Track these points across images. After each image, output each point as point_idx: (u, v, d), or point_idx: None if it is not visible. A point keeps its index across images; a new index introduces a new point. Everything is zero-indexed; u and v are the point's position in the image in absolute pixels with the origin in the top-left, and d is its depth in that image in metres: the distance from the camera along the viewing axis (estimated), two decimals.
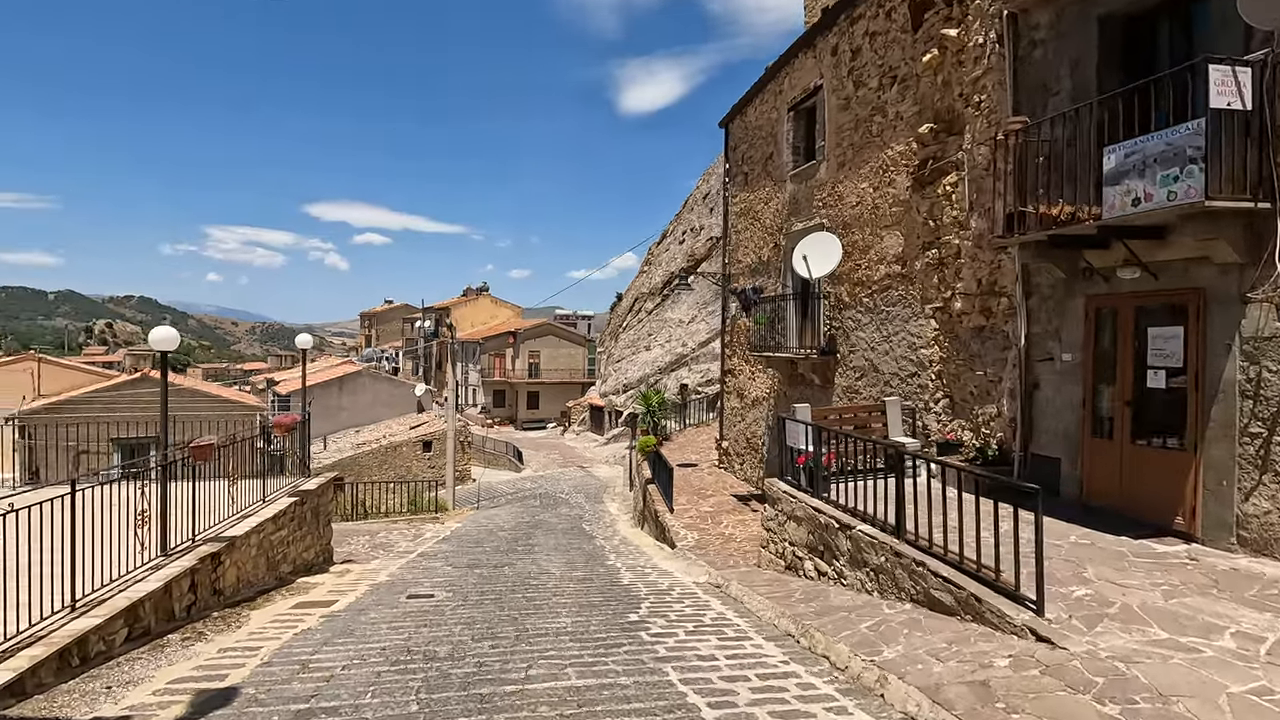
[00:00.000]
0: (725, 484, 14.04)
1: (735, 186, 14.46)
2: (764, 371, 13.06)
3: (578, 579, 8.24)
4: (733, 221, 14.57)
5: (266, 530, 7.57)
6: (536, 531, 14.49)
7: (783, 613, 5.73)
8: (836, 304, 10.37)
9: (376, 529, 14.41)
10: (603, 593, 7.30)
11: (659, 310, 49.64)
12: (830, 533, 6.52)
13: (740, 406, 14.22)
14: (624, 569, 9.07)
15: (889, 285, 9.10)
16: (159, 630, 5.36)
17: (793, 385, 11.77)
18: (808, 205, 11.18)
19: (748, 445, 13.83)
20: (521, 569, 9.12)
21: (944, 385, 8.16)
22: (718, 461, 15.55)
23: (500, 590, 7.49)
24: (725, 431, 15.05)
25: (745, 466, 13.96)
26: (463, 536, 13.44)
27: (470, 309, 63.87)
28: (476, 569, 9.21)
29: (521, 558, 10.42)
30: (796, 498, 7.33)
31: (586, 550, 11.36)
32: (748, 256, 13.69)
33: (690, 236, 49.96)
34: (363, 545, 12.22)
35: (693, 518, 11.73)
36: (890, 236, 9.05)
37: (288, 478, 9.44)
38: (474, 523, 16.41)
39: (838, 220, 10.29)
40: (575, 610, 6.42)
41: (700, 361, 40.20)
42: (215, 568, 6.35)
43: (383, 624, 5.94)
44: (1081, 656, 3.71)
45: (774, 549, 7.84)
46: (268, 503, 8.17)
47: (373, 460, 30.71)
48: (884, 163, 9.14)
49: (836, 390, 10.37)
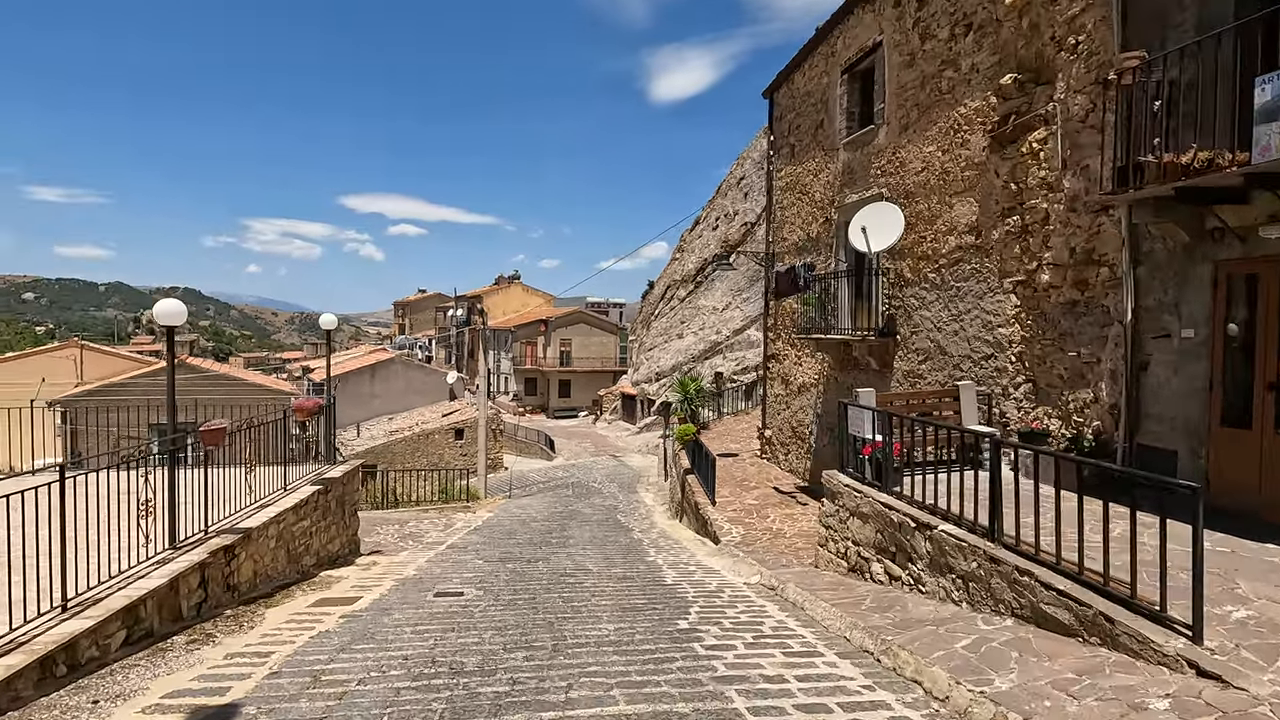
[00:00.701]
0: (769, 475, 13.29)
1: (781, 160, 13.59)
2: (812, 356, 12.24)
3: (617, 577, 7.62)
4: (778, 197, 13.72)
5: (287, 521, 7.10)
6: (571, 523, 13.95)
7: (855, 623, 5.01)
8: (897, 281, 9.51)
9: (407, 518, 14.02)
10: (645, 594, 6.66)
11: (692, 297, 48.80)
12: (905, 533, 5.76)
13: (785, 394, 13.42)
14: (666, 566, 8.43)
15: (960, 258, 8.22)
16: (163, 632, 4.88)
17: (845, 370, 10.95)
18: (864, 174, 10.30)
19: (793, 434, 13.05)
20: (556, 564, 8.54)
21: (1026, 368, 7.30)
22: (759, 451, 14.80)
23: (534, 589, 6.91)
24: (768, 420, 14.27)
25: (790, 457, 13.18)
26: (494, 527, 12.96)
27: (502, 297, 63.78)
28: (509, 563, 8.66)
29: (556, 551, 9.85)
30: (862, 492, 6.58)
31: (624, 544, 10.75)
32: (794, 234, 12.85)
33: (724, 222, 48.93)
34: (392, 535, 11.80)
35: (736, 511, 11.02)
36: (962, 204, 8.16)
37: (312, 465, 8.99)
38: (506, 512, 15.95)
39: (899, 189, 9.41)
40: (617, 614, 5.79)
41: (735, 349, 39.32)
42: (229, 562, 5.87)
43: (407, 627, 5.39)
44: (1270, 701, 2.93)
45: (834, 548, 7.10)
46: (289, 491, 7.70)
47: (405, 448, 30.63)
48: (955, 122, 8.24)
49: (895, 375, 9.53)
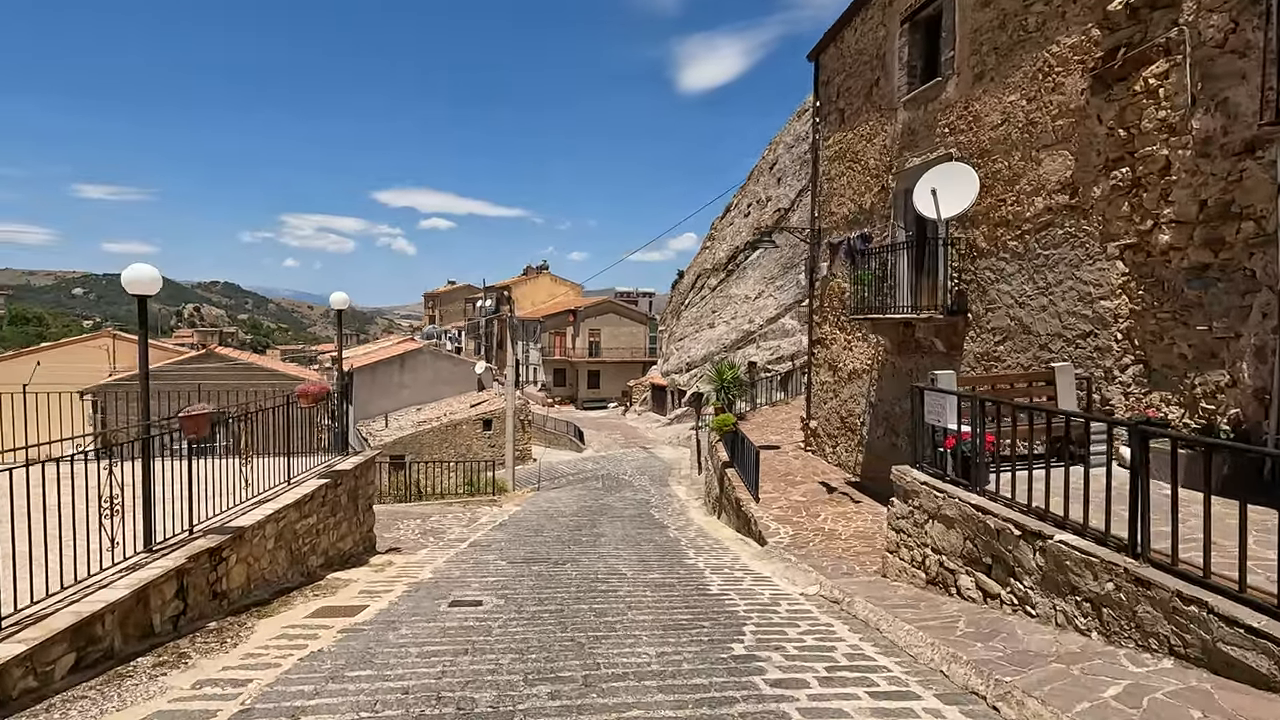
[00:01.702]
0: (815, 469, 12.29)
1: (828, 127, 12.50)
2: (864, 340, 11.19)
3: (655, 584, 6.75)
4: (824, 168, 12.64)
5: (288, 518, 6.37)
6: (601, 518, 13.14)
7: (953, 654, 4.06)
8: (968, 252, 8.43)
9: (430, 512, 13.37)
10: (689, 606, 5.79)
11: (723, 286, 47.67)
12: (1006, 541, 4.78)
13: (832, 381, 12.39)
14: (708, 570, 7.54)
15: (1049, 222, 7.12)
16: (127, 652, 4.15)
17: (904, 354, 9.89)
18: (928, 134, 9.21)
19: (842, 425, 12.02)
20: (586, 567, 7.71)
21: (1136, 346, 6.20)
22: (803, 444, 13.79)
23: (562, 598, 6.08)
24: (813, 410, 13.25)
25: (839, 450, 12.16)
26: (520, 523, 12.21)
27: (530, 287, 63.33)
28: (534, 565, 7.86)
29: (586, 551, 9.03)
30: (944, 492, 5.60)
31: (660, 543, 9.89)
32: (844, 206, 11.77)
33: (756, 209, 47.65)
34: (412, 531, 11.13)
35: (782, 508, 10.07)
36: (1053, 158, 7.06)
37: (324, 456, 8.29)
38: (533, 506, 15.23)
39: (972, 147, 8.31)
40: (658, 633, 4.93)
41: (769, 338, 38.14)
42: (215, 566, 5.15)
43: (412, 647, 4.59)
44: None
45: (908, 556, 6.13)
46: (294, 485, 6.99)
47: (433, 438, 30.23)
48: (1045, 64, 7.12)
49: (965, 358, 8.47)
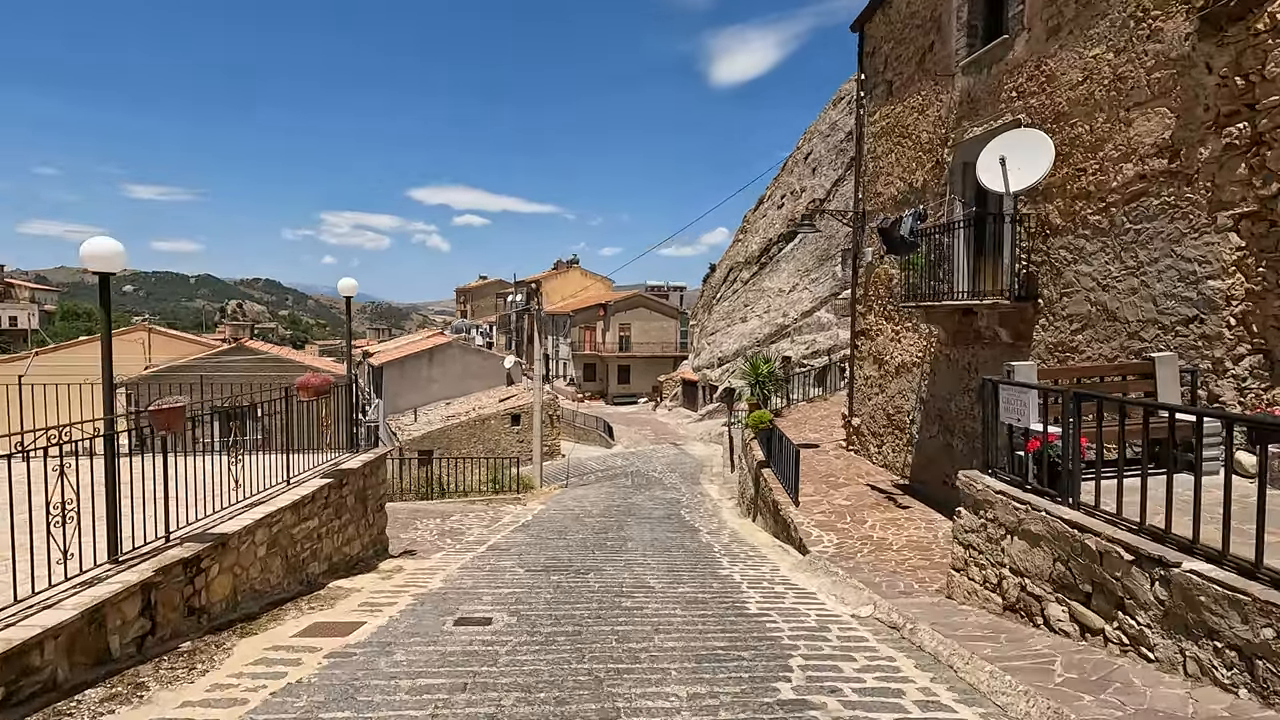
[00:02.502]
0: (859, 470, 11.43)
1: (874, 101, 11.58)
2: (914, 330, 10.29)
3: (686, 599, 6.04)
4: (870, 146, 11.72)
5: (283, 522, 5.82)
6: (629, 519, 12.47)
7: (1056, 711, 3.25)
8: (1039, 230, 7.50)
9: (451, 510, 12.85)
10: (725, 630, 5.06)
11: (756, 280, 46.68)
12: (1111, 566, 3.94)
13: (878, 375, 11.50)
14: (745, 584, 6.79)
15: (1142, 191, 6.18)
16: (73, 683, 3.59)
17: (961, 345, 8.98)
18: (991, 100, 8.28)
19: (888, 423, 11.13)
20: (611, 578, 7.03)
21: (1254, 334, 5.27)
22: (845, 442, 12.91)
23: (581, 616, 5.40)
24: (856, 406, 12.37)
25: (885, 449, 11.27)
26: (544, 524, 11.60)
27: (561, 281, 62.98)
28: (554, 573, 7.21)
29: (611, 558, 8.36)
30: (1026, 503, 4.76)
31: (691, 549, 9.16)
32: (892, 186, 10.86)
33: (790, 200, 46.55)
34: (431, 531, 10.60)
35: (825, 513, 9.26)
36: (1147, 118, 6.11)
37: (331, 454, 7.76)
38: (559, 505, 14.63)
39: (1044, 111, 7.38)
40: (689, 666, 4.21)
41: (803, 332, 37.08)
42: (192, 578, 4.59)
43: (404, 679, 3.96)
44: None
45: (979, 576, 5.30)
46: (293, 485, 6.44)
47: (461, 433, 29.95)
48: (1137, 8, 6.18)
49: (1035, 348, 7.55)
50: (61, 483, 3.80)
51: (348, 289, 7.86)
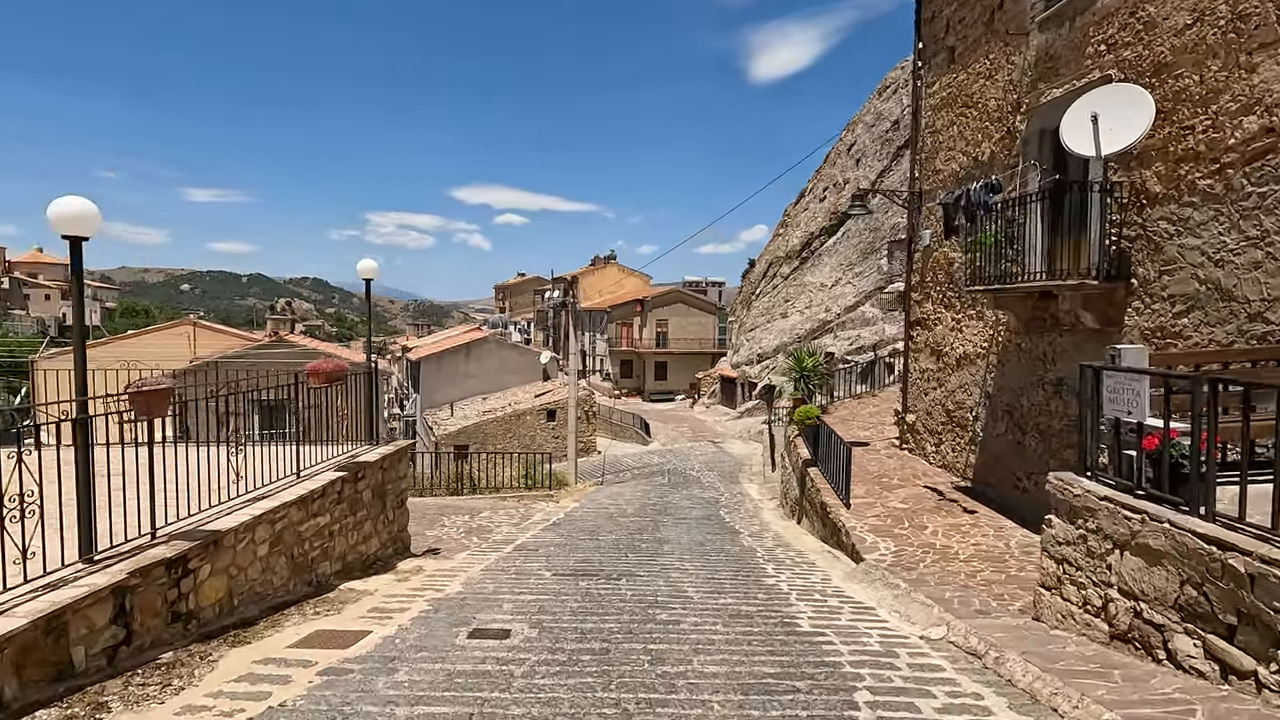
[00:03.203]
0: (913, 470, 10.56)
1: (933, 71, 10.67)
2: (978, 318, 9.39)
3: (729, 613, 5.37)
4: (928, 119, 10.82)
5: (288, 518, 5.35)
6: (665, 519, 11.83)
7: None
8: (1133, 200, 6.59)
9: (481, 507, 12.41)
10: (774, 652, 4.38)
11: (797, 274, 45.54)
12: (1268, 594, 3.15)
13: (935, 368, 10.61)
14: (794, 595, 6.09)
15: (1269, 148, 5.27)
16: (25, 702, 3.13)
17: (1036, 333, 8.08)
18: (1074, 57, 7.37)
19: (948, 420, 10.24)
20: (645, 585, 6.40)
21: None
22: (898, 440, 12.03)
23: (610, 631, 4.79)
24: (910, 401, 11.48)
25: (944, 448, 10.38)
26: (576, 523, 11.05)
27: (598, 277, 62.63)
28: (583, 579, 6.61)
29: (646, 562, 7.73)
30: (1141, 513, 3.96)
31: (732, 554, 8.47)
32: (953, 161, 9.96)
33: (833, 192, 45.32)
34: (457, 529, 10.14)
35: (880, 517, 8.47)
36: (1277, 60, 5.20)
37: (349, 445, 7.32)
38: (593, 503, 14.08)
39: (1141, 64, 6.46)
40: (735, 699, 3.56)
41: (847, 328, 35.89)
42: (178, 580, 4.12)
43: (402, 706, 3.40)
44: None
45: (1076, 596, 4.50)
46: (303, 479, 5.99)
47: (497, 428, 29.74)
48: None
49: (1128, 335, 6.64)
50: (20, 471, 3.35)
51: (367, 271, 7.40)
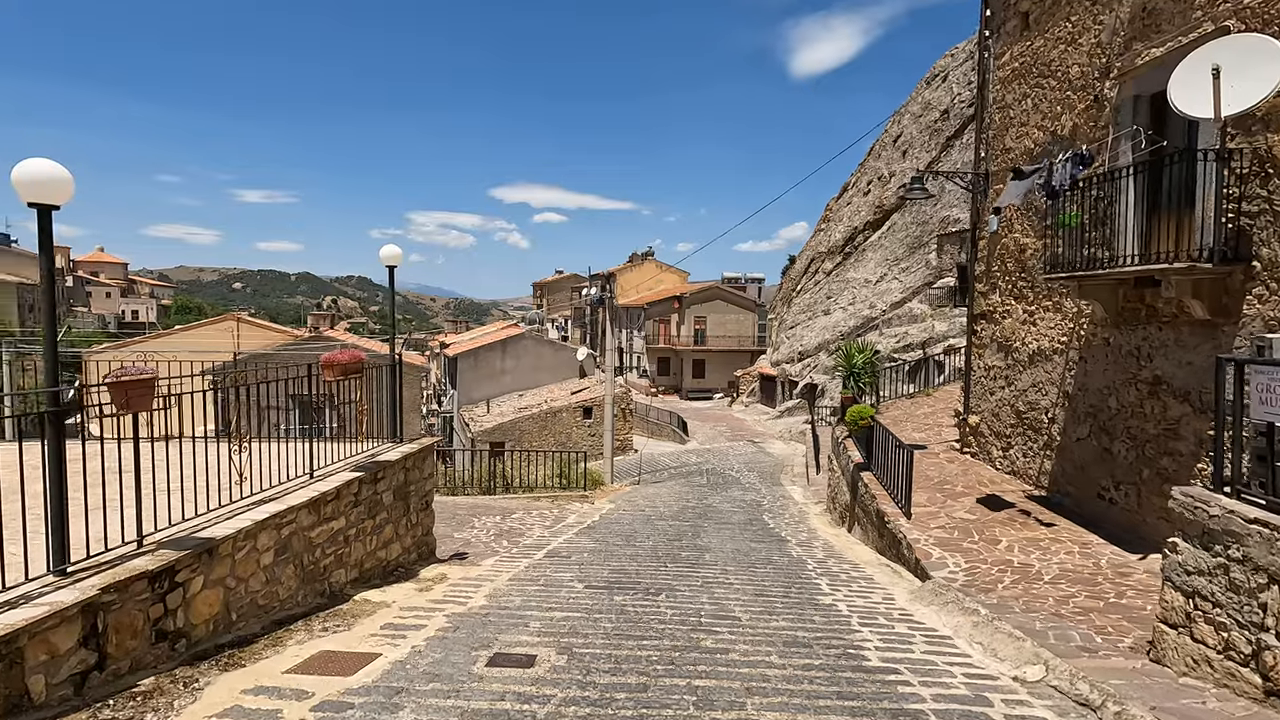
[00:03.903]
0: (979, 477, 9.69)
1: (1003, 40, 9.76)
2: (1055, 309, 8.49)
3: (784, 640, 4.71)
4: (996, 93, 9.91)
5: (297, 523, 4.89)
6: (706, 524, 11.18)
7: None
8: (1256, 169, 5.69)
9: (513, 507, 11.95)
10: (842, 694, 3.71)
11: (840, 270, 44.30)
12: None
13: (1003, 366, 9.71)
14: (855, 619, 5.38)
15: None
16: None
17: (1126, 325, 7.18)
18: (1179, 10, 6.46)
19: (1018, 422, 9.34)
20: (686, 601, 5.77)
21: None
22: (958, 443, 11.14)
23: (649, 660, 4.18)
24: (974, 402, 10.59)
25: (1013, 453, 9.49)
26: (611, 525, 10.48)
27: (635, 274, 62.10)
28: (618, 593, 6.02)
29: (686, 573, 7.10)
30: None
31: (780, 565, 7.78)
32: (1026, 138, 9.05)
33: (877, 186, 44.00)
34: (488, 531, 9.67)
35: (946, 529, 7.67)
36: None
37: (370, 443, 6.88)
38: (629, 504, 13.51)
39: (1268, 11, 5.56)
40: None
41: (894, 324, 34.65)
42: (164, 594, 3.67)
43: None
44: None
45: (1215, 638, 3.72)
46: (316, 479, 5.53)
47: (533, 425, 29.44)
48: None
49: (1247, 325, 5.74)
50: None
51: (390, 258, 6.95)
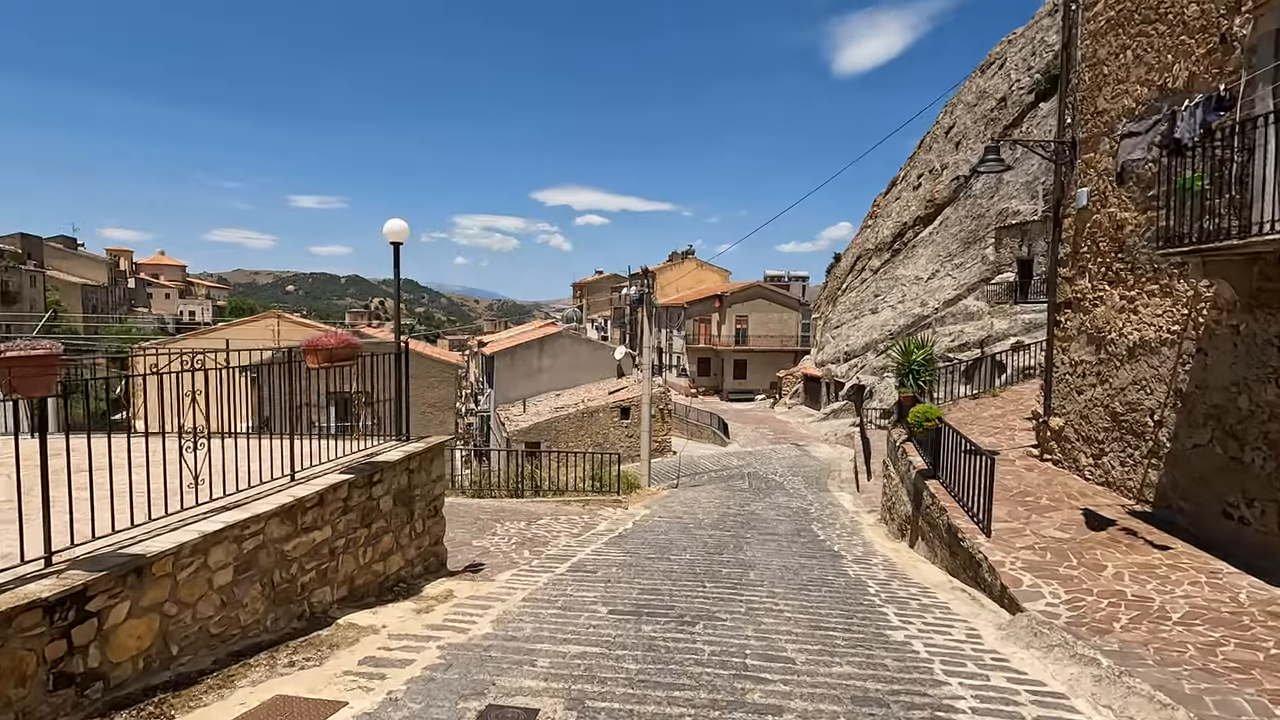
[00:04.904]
0: (1065, 488, 8.45)
1: None
2: (1164, 293, 7.25)
3: (852, 697, 3.72)
4: (1087, 49, 8.67)
5: (265, 535, 4.13)
6: (749, 534, 10.19)
7: None
8: None
9: (541, 511, 11.15)
10: None
11: (888, 268, 42.63)
12: None
13: (1095, 360, 8.46)
14: (937, 663, 4.36)
15: None
16: None
17: (1265, 309, 5.95)
18: None
19: (1113, 425, 8.09)
20: (728, 635, 4.82)
21: None
22: (1036, 449, 9.88)
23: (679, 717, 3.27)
24: (1057, 402, 9.33)
25: (1107, 460, 8.23)
26: (645, 535, 9.58)
27: (675, 273, 61.13)
28: (648, 620, 5.11)
29: (728, 596, 6.13)
30: None
31: (836, 587, 6.74)
32: (1126, 96, 7.82)
33: (929, 179, 42.20)
34: (510, 538, 8.87)
35: (1034, 549, 6.53)
36: None
37: (371, 441, 6.13)
38: (665, 510, 12.59)
39: None
40: None
41: (948, 323, 32.93)
42: (68, 628, 2.92)
43: None
44: None
45: None
46: (298, 481, 4.78)
47: (569, 425, 28.77)
48: None
49: None
50: None
51: (395, 233, 6.19)
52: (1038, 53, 33.17)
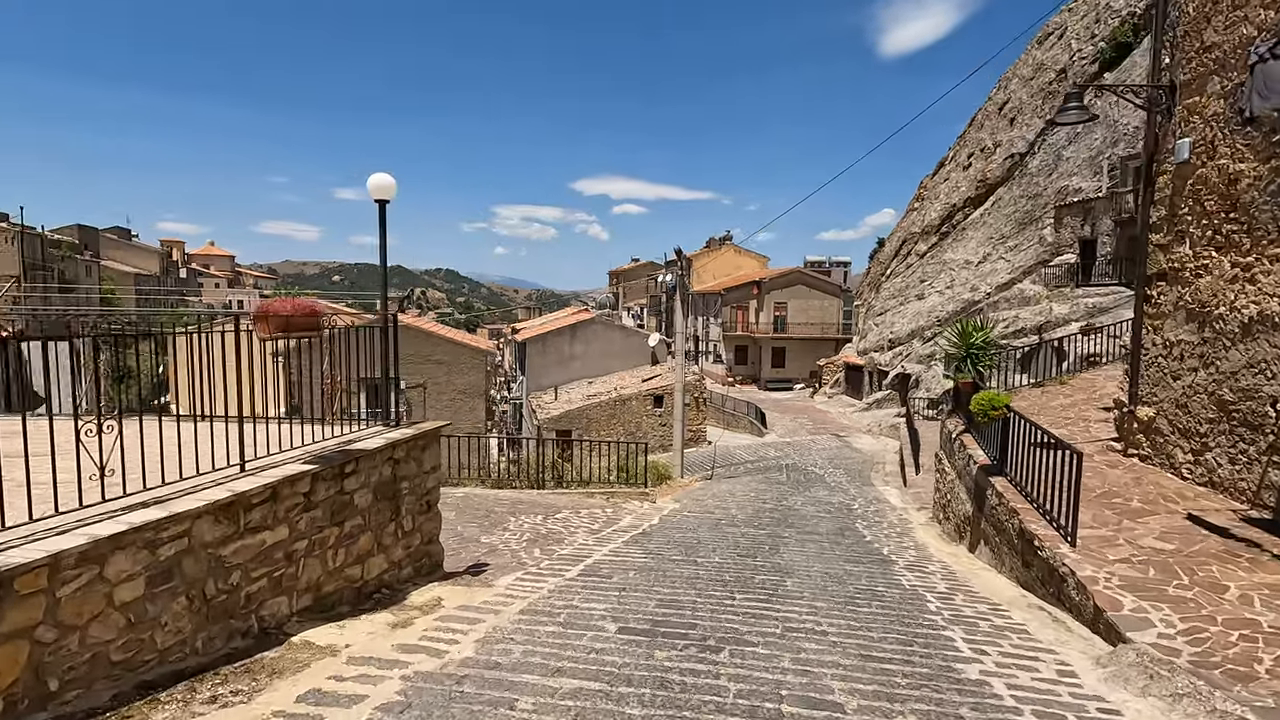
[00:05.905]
0: (1159, 487, 7.28)
1: None
2: None
3: None
4: None
5: (192, 537, 3.39)
6: (786, 532, 9.25)
7: None
8: None
9: (560, 505, 10.39)
10: None
11: (936, 251, 40.77)
12: None
13: (1197, 340, 7.24)
14: (1028, 713, 3.40)
15: None
16: None
17: None
18: None
19: (1220, 415, 6.89)
20: (760, 668, 3.93)
21: None
22: (1119, 443, 8.68)
23: None
24: (1147, 390, 8.12)
25: (1211, 457, 7.04)
26: (671, 533, 8.72)
27: (712, 260, 59.85)
28: (663, 644, 4.25)
29: (761, 613, 5.23)
30: None
31: (889, 600, 5.77)
32: (1240, 26, 6.55)
33: (979, 158, 40.16)
34: (521, 535, 8.12)
35: (1132, 563, 5.45)
36: None
37: (351, 427, 5.40)
38: (696, 503, 11.71)
39: None
40: None
41: (1001, 308, 31.16)
42: None
43: None
44: None
45: None
46: (248, 473, 4.05)
47: (601, 414, 28.08)
48: None
49: None
50: None
51: (380, 189, 5.43)
52: (1102, 19, 30.83)
